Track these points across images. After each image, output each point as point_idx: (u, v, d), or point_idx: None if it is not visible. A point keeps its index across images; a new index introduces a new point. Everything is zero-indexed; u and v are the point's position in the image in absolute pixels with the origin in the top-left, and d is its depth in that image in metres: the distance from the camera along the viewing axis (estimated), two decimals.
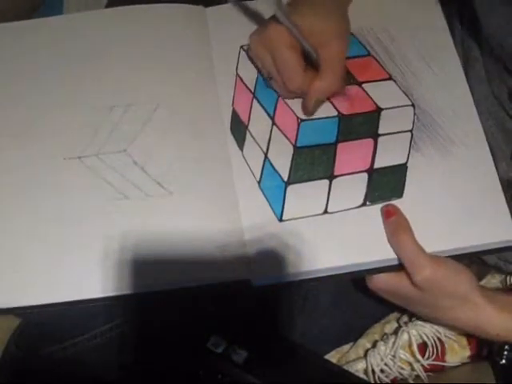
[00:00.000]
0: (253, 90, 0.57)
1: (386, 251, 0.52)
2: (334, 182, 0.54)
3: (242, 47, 0.59)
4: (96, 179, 0.55)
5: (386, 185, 0.54)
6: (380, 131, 0.55)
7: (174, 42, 0.60)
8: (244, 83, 0.58)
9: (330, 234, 0.52)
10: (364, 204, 0.54)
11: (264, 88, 0.57)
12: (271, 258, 0.52)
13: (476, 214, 0.53)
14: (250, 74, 0.58)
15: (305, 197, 0.54)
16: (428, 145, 0.56)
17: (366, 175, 0.55)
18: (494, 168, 0.55)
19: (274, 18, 0.50)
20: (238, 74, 0.58)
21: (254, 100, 0.57)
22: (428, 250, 0.52)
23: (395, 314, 0.63)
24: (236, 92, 0.58)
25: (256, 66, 0.57)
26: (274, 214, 0.54)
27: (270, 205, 0.54)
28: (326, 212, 0.54)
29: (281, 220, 0.53)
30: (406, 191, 0.54)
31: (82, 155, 0.55)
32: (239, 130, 0.57)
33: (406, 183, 0.55)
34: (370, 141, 0.55)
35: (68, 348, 0.60)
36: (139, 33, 0.60)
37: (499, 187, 0.55)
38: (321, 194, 0.54)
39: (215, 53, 0.59)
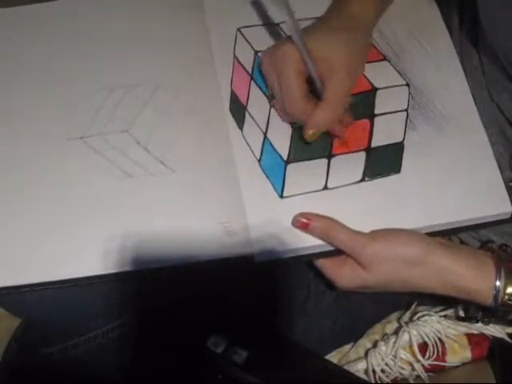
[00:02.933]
0: (250, 72, 0.57)
1: (386, 224, 0.53)
2: (333, 160, 0.55)
3: (238, 29, 0.59)
4: (99, 159, 0.55)
5: (383, 162, 0.56)
6: (376, 111, 0.56)
7: (172, 24, 0.61)
8: (242, 65, 0.58)
9: (330, 209, 0.53)
10: (363, 179, 0.55)
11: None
12: (273, 234, 0.53)
13: (471, 188, 0.55)
14: (247, 56, 0.58)
15: (305, 174, 0.54)
16: (423, 123, 0.57)
17: (363, 153, 0.55)
18: (487, 141, 0.56)
19: (288, 39, 0.50)
20: (235, 56, 0.59)
21: (252, 81, 0.57)
22: (425, 223, 0.53)
23: (396, 314, 0.62)
24: (234, 73, 0.59)
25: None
26: (275, 191, 0.54)
27: (271, 182, 0.55)
28: (325, 188, 0.55)
29: (281, 197, 0.54)
30: (403, 167, 0.56)
31: (84, 135, 0.56)
32: (238, 110, 0.57)
33: (404, 159, 0.56)
34: (367, 121, 0.55)
35: (69, 348, 0.60)
36: (138, 16, 0.61)
37: (494, 161, 0.56)
38: (320, 171, 0.55)
39: (213, 34, 0.60)
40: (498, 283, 0.50)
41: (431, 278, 0.51)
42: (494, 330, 0.58)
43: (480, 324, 0.55)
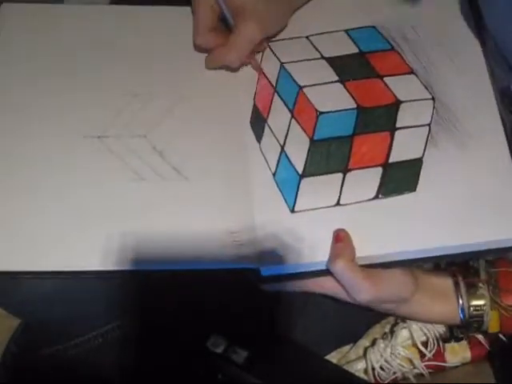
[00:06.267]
0: (274, 84, 0.58)
1: (397, 244, 0.52)
2: (348, 175, 0.54)
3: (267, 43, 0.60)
4: (113, 159, 0.55)
5: (400, 179, 0.54)
6: (398, 125, 0.55)
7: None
8: (266, 77, 0.59)
9: (342, 225, 0.52)
10: (377, 197, 0.54)
11: (286, 81, 0.57)
12: (281, 248, 0.52)
13: (490, 210, 0.53)
14: (272, 69, 0.59)
15: (318, 189, 0.54)
16: (445, 139, 0.56)
17: (380, 169, 0.55)
18: (510, 163, 0.55)
19: None
20: (261, 68, 0.59)
21: (275, 94, 0.58)
22: (439, 244, 0.52)
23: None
24: (258, 86, 0.59)
25: None
26: (287, 205, 0.54)
27: (283, 196, 0.54)
28: (338, 204, 0.54)
29: (293, 211, 0.54)
30: (419, 185, 0.54)
31: (102, 135, 0.56)
32: (258, 123, 0.57)
33: (420, 177, 0.54)
34: (387, 134, 0.55)
35: (69, 349, 0.60)
36: (165, 28, 0.62)
37: None
38: (334, 187, 0.54)
39: None
40: (460, 301, 0.54)
41: (408, 311, 0.55)
42: None
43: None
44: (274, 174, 0.55)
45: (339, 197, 0.54)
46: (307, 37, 0.60)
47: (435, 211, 0.53)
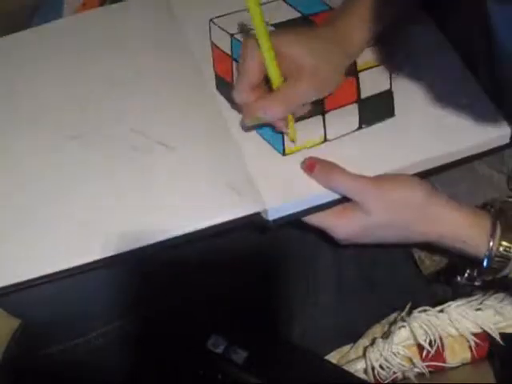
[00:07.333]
0: (231, 54, 0.61)
1: (388, 164, 0.55)
2: (328, 115, 0.57)
3: (211, 20, 0.63)
4: (99, 153, 0.57)
5: (376, 109, 0.58)
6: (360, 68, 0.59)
7: (146, 27, 0.65)
8: (221, 49, 0.61)
9: (334, 159, 0.54)
10: (360, 127, 0.57)
11: (239, 48, 0.58)
12: (281, 189, 0.54)
13: (464, 116, 0.56)
14: (224, 41, 0.61)
15: (303, 130, 0.56)
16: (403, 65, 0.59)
17: (355, 105, 0.58)
18: (460, 63, 0.59)
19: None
20: (212, 43, 0.62)
21: (234, 62, 0.60)
22: (427, 156, 0.55)
23: (395, 315, 0.62)
24: (215, 59, 0.61)
25: None
26: (277, 150, 0.56)
27: (271, 144, 0.56)
28: (325, 140, 0.56)
29: (284, 154, 0.56)
30: (397, 109, 0.58)
31: (81, 132, 0.58)
32: (225, 88, 0.59)
33: (397, 103, 0.58)
34: (352, 79, 0.58)
35: (68, 349, 0.60)
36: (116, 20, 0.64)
37: (479, 86, 0.58)
38: (318, 126, 0.57)
39: (187, 28, 0.63)
40: (493, 232, 0.52)
41: (429, 223, 0.53)
42: (487, 328, 0.58)
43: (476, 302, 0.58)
44: (256, 129, 0.57)
45: (325, 133, 0.57)
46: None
47: (417, 128, 0.57)
